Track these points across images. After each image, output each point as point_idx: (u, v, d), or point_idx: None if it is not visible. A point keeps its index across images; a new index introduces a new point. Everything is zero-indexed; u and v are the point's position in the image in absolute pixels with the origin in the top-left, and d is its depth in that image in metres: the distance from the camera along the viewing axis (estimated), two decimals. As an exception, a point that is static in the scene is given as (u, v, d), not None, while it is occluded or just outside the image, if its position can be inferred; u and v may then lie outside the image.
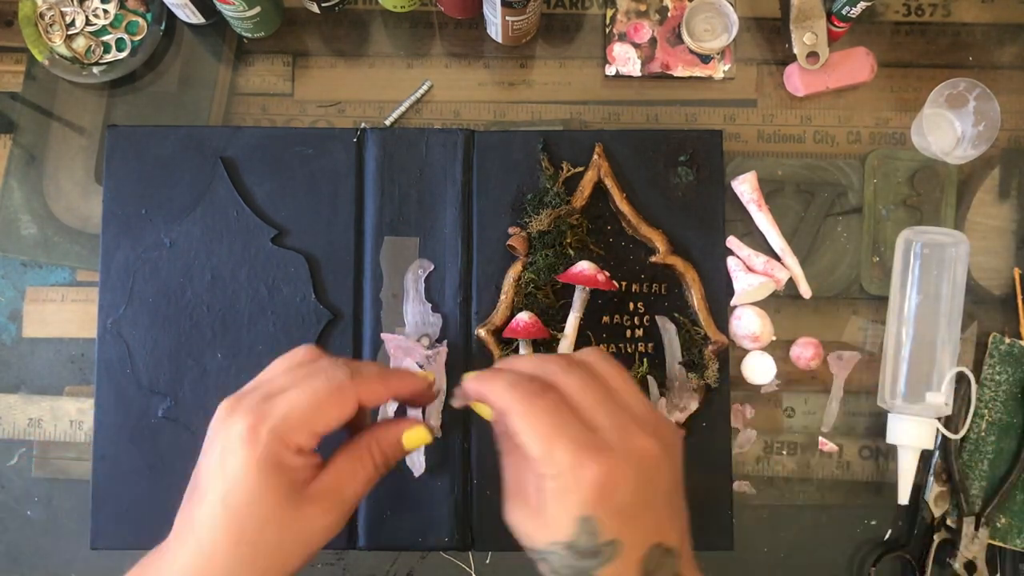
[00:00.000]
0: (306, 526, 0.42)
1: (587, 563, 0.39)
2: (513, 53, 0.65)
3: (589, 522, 0.39)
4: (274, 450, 0.41)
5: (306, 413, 0.42)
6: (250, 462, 0.41)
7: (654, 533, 0.41)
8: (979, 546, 0.59)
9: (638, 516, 0.40)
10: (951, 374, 0.58)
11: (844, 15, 0.61)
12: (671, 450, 0.43)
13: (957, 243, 0.60)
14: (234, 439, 0.41)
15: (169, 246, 0.59)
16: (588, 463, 0.39)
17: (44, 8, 0.62)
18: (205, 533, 0.41)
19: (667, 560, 0.41)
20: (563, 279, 0.57)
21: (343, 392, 0.43)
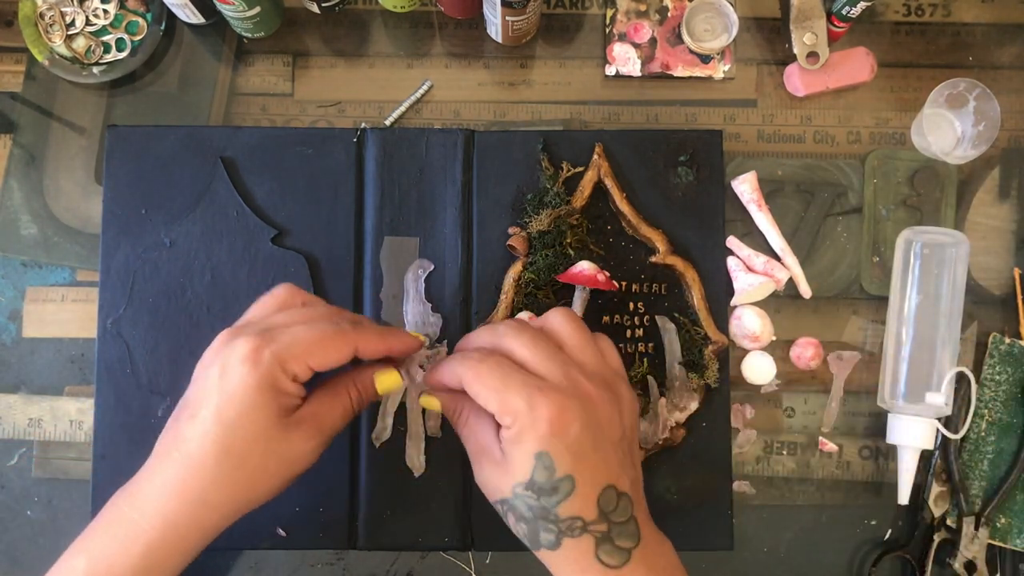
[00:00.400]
0: (290, 448, 0.45)
1: (547, 501, 0.43)
2: (513, 53, 0.65)
3: (544, 457, 0.43)
4: (273, 372, 0.44)
5: (309, 347, 0.45)
6: (249, 379, 0.43)
7: (605, 475, 0.44)
8: (979, 546, 0.59)
9: (588, 455, 0.43)
10: (951, 374, 0.58)
11: (844, 15, 0.61)
12: (622, 402, 0.46)
13: (957, 243, 0.60)
14: (236, 358, 0.44)
15: (169, 246, 0.59)
16: (540, 403, 0.43)
17: (44, 8, 0.62)
18: (194, 446, 0.44)
19: (622, 503, 0.44)
20: (563, 279, 0.57)
21: (345, 337, 0.46)
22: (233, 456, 0.44)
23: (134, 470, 0.56)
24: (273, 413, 0.44)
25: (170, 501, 0.44)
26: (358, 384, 0.49)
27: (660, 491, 0.58)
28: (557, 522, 0.43)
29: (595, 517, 0.43)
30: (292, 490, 0.52)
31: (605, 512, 0.44)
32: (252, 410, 0.44)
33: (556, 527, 0.43)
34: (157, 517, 0.44)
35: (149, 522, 0.43)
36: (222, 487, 0.44)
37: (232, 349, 0.44)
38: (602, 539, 0.43)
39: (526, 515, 0.44)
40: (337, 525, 0.57)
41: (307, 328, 0.46)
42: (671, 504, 0.58)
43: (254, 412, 0.44)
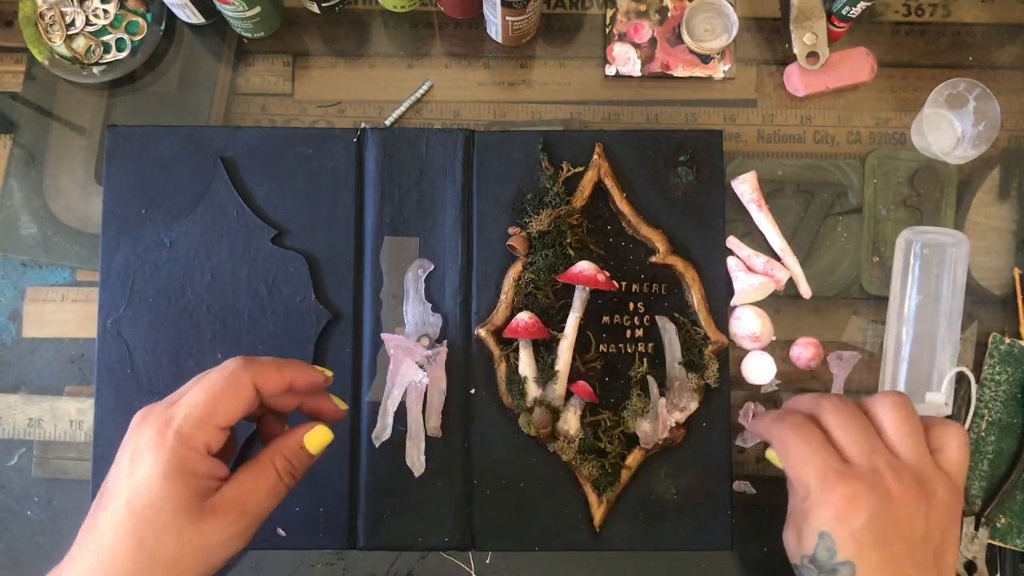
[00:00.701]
0: (206, 538, 0.42)
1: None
2: (513, 53, 0.65)
3: (826, 537, 0.43)
4: (180, 454, 0.42)
5: (206, 408, 0.43)
6: (156, 468, 0.42)
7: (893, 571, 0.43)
8: (979, 546, 0.59)
9: (874, 547, 0.43)
10: (951, 374, 0.58)
11: (844, 15, 0.61)
12: (931, 502, 0.44)
13: (957, 243, 0.60)
14: (143, 446, 0.42)
15: (169, 246, 0.59)
16: (832, 486, 0.43)
17: (44, 8, 0.62)
18: (107, 538, 0.42)
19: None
20: (563, 279, 0.57)
21: (237, 379, 0.44)
22: (144, 550, 0.41)
23: (134, 470, 0.57)
24: (184, 502, 0.42)
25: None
26: (283, 451, 0.46)
27: (660, 491, 0.58)
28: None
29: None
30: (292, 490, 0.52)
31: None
32: (160, 500, 0.41)
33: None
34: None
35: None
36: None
37: (140, 436, 0.43)
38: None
39: None
40: (337, 525, 0.57)
41: (198, 390, 0.44)
42: (671, 504, 0.58)
43: (162, 502, 0.41)
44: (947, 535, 0.45)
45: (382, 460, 0.57)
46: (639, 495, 0.58)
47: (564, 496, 0.58)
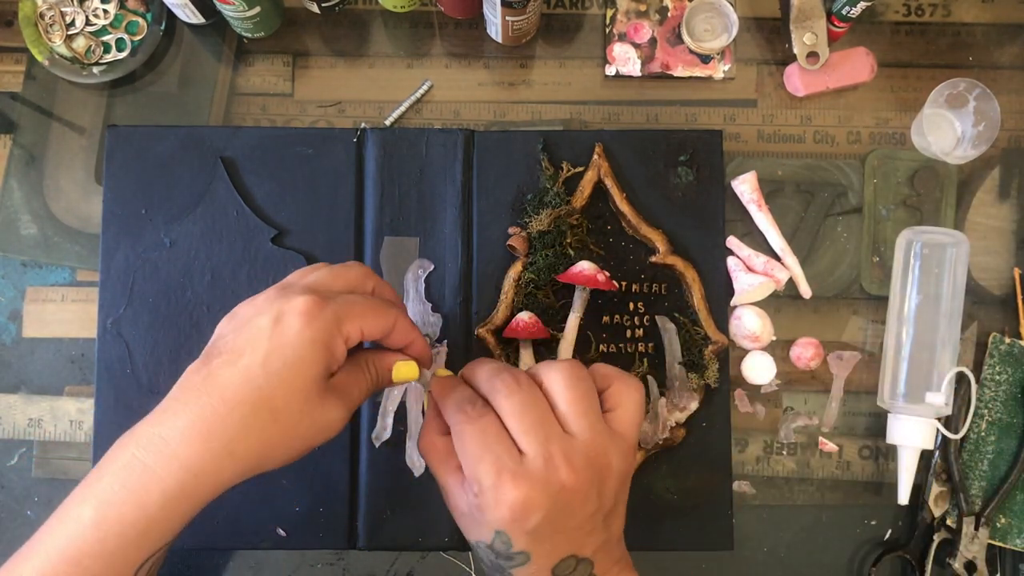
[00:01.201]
0: (323, 414, 0.44)
1: (504, 563, 0.44)
2: (513, 53, 0.65)
3: (502, 535, 0.43)
4: (330, 330, 0.43)
5: (364, 315, 0.45)
6: (306, 332, 0.42)
7: (566, 549, 0.44)
8: (979, 546, 0.59)
9: (549, 538, 0.43)
10: (951, 374, 0.58)
11: (844, 15, 0.61)
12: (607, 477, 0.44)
13: (957, 243, 0.60)
14: (293, 310, 0.43)
15: (169, 246, 0.59)
16: (506, 487, 0.42)
17: (44, 8, 0.62)
18: (230, 392, 0.41)
19: (581, 567, 0.44)
20: (563, 279, 0.57)
21: (389, 317, 0.46)
22: (271, 408, 0.42)
23: (134, 470, 0.57)
24: (318, 373, 0.43)
25: (192, 446, 0.41)
26: (377, 364, 0.48)
27: (660, 491, 0.58)
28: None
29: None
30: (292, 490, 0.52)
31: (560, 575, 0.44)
32: (301, 364, 0.42)
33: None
34: (175, 463, 0.40)
35: (166, 468, 0.40)
36: (251, 439, 0.41)
37: (289, 301, 0.43)
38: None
39: (486, 562, 0.45)
40: (337, 525, 0.57)
41: (363, 300, 0.46)
42: (671, 504, 0.58)
43: (302, 366, 0.42)
44: (619, 498, 0.46)
45: (382, 460, 0.57)
46: (639, 495, 0.57)
47: (564, 496, 0.57)
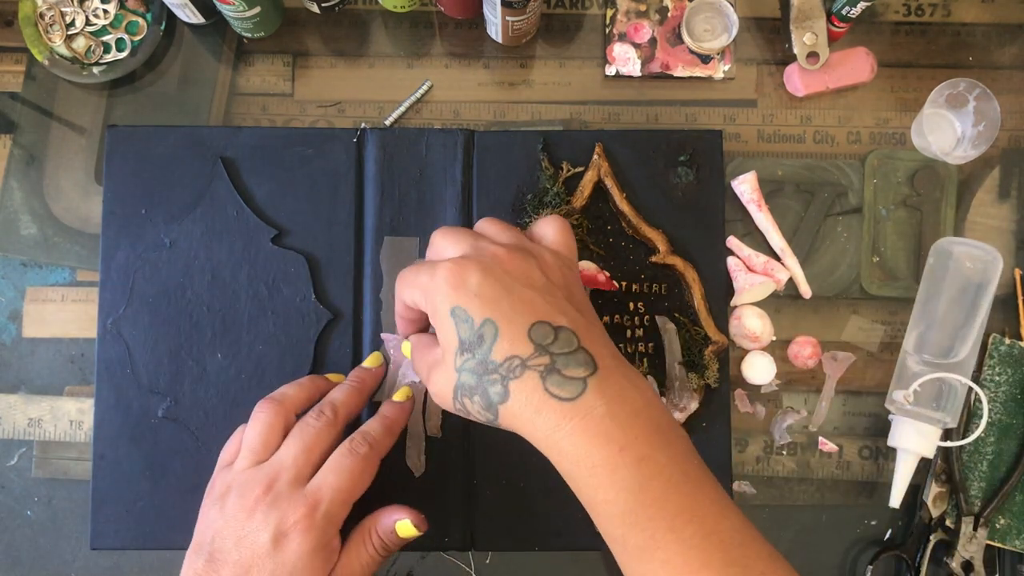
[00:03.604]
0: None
1: (481, 353, 0.42)
2: (513, 53, 0.65)
3: (458, 311, 0.43)
4: (327, 532, 0.46)
5: (350, 494, 0.47)
6: (305, 547, 0.45)
7: (530, 313, 0.43)
8: (977, 546, 0.59)
9: (501, 298, 0.43)
10: (963, 390, 0.58)
11: (844, 15, 0.61)
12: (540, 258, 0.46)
13: (992, 259, 0.59)
14: (289, 527, 0.45)
15: (169, 246, 0.59)
16: (439, 269, 0.44)
17: (44, 8, 0.62)
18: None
19: (563, 335, 0.42)
20: (563, 279, 0.57)
21: (370, 462, 0.49)
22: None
23: (134, 470, 0.57)
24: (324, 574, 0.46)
25: None
26: (380, 533, 0.50)
27: (660, 491, 0.58)
28: (497, 369, 0.42)
29: (531, 351, 0.42)
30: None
31: (542, 345, 0.42)
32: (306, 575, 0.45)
33: (498, 375, 0.42)
34: None
35: None
36: None
37: (281, 511, 0.45)
38: (547, 371, 0.41)
39: (473, 383, 0.43)
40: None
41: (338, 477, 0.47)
42: (671, 504, 0.58)
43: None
44: (571, 286, 0.46)
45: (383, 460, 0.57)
46: (639, 495, 0.57)
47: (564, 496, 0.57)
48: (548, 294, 0.44)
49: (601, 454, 0.41)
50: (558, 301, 0.44)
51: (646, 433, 0.41)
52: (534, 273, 0.45)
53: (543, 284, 0.44)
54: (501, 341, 0.42)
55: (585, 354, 0.42)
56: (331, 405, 0.50)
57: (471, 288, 0.43)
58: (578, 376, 0.42)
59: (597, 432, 0.41)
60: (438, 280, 0.44)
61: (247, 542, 0.45)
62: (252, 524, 0.45)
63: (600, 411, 0.41)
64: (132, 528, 0.57)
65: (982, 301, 0.59)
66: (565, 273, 0.46)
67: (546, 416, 0.41)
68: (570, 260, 0.48)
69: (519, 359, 0.42)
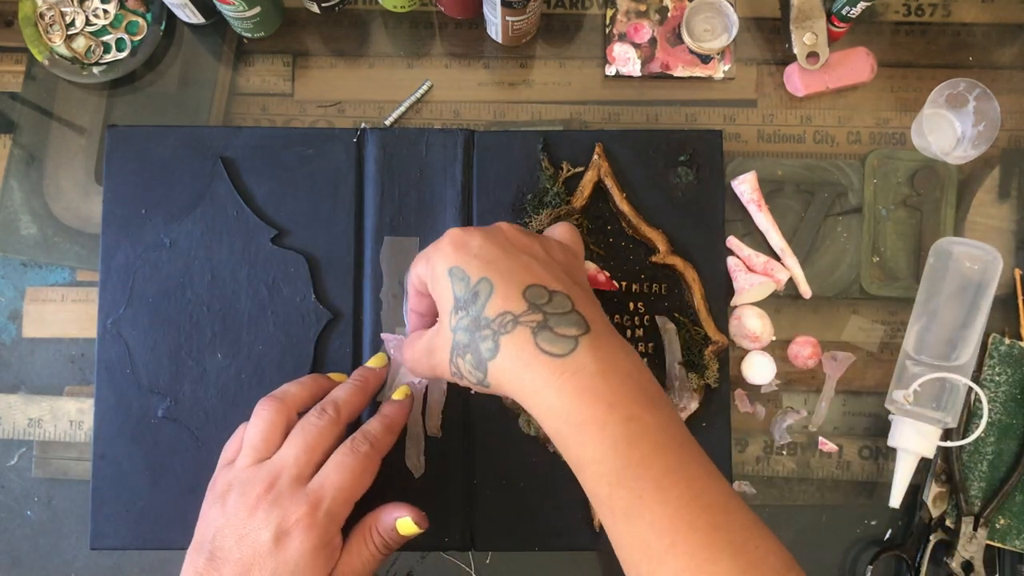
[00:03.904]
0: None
1: (474, 309, 0.43)
2: (513, 53, 0.65)
3: (456, 270, 0.44)
4: (328, 530, 0.46)
5: (352, 492, 0.47)
6: (307, 545, 0.45)
7: (526, 276, 0.43)
8: (977, 546, 0.59)
9: (498, 260, 0.44)
10: (963, 391, 0.58)
11: (844, 15, 0.61)
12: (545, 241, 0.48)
13: (992, 260, 0.59)
14: (291, 525, 0.45)
15: (169, 246, 0.59)
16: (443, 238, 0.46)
17: (44, 8, 0.62)
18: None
19: (557, 298, 0.43)
20: (563, 279, 0.57)
21: (371, 461, 0.49)
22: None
23: (134, 470, 0.57)
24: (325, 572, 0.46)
25: None
26: (380, 531, 0.50)
27: (660, 491, 0.58)
28: (489, 325, 0.42)
29: (524, 309, 0.42)
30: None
31: (536, 304, 0.42)
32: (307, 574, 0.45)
33: (490, 330, 0.42)
34: None
35: None
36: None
37: (283, 509, 0.45)
38: (539, 328, 0.42)
39: (466, 341, 0.43)
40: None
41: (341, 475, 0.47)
42: (671, 504, 0.58)
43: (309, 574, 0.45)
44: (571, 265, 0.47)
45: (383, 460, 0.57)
46: (639, 495, 0.57)
47: (564, 496, 0.58)
48: (547, 265, 0.45)
49: (590, 411, 0.41)
50: (555, 271, 0.45)
51: (635, 394, 0.41)
52: (535, 247, 0.46)
53: (544, 257, 0.46)
54: (495, 298, 0.43)
55: (578, 315, 0.43)
56: (333, 404, 0.50)
57: (471, 249, 0.44)
58: (570, 335, 0.42)
59: (587, 389, 0.41)
60: (442, 243, 0.46)
61: (248, 540, 0.45)
62: (253, 522, 0.45)
63: (591, 369, 0.41)
64: (132, 528, 0.57)
65: (982, 301, 0.59)
66: (567, 256, 0.48)
67: (536, 371, 0.41)
68: (574, 251, 0.49)
69: (511, 315, 0.42)
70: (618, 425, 0.40)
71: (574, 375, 0.41)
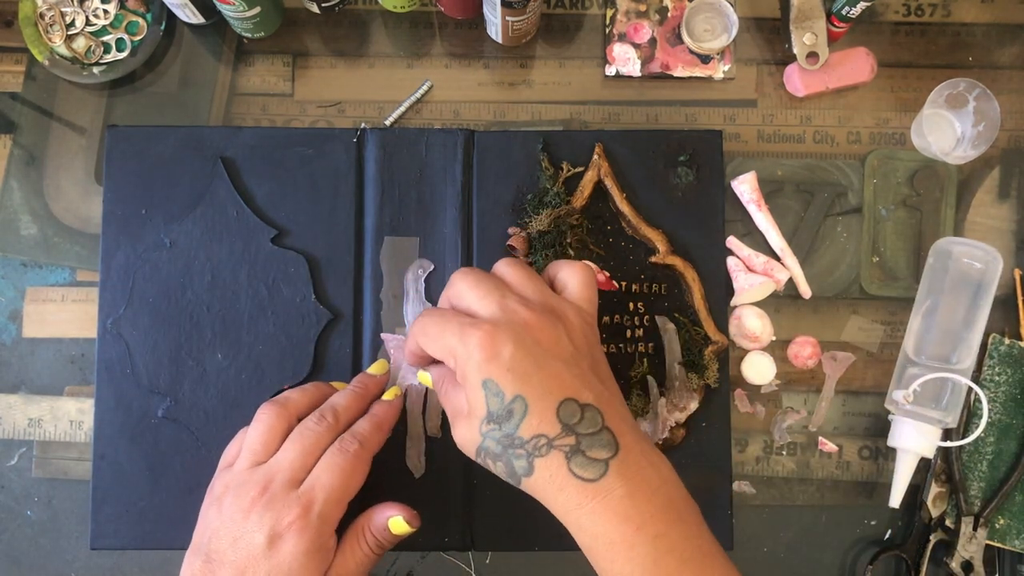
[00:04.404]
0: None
1: (508, 427, 0.44)
2: (513, 53, 0.65)
3: (489, 384, 0.44)
4: (321, 532, 0.46)
5: (343, 492, 0.47)
6: (300, 547, 0.45)
7: (559, 389, 0.44)
8: (977, 546, 0.59)
9: (532, 373, 0.44)
10: (963, 390, 0.58)
11: (844, 15, 0.61)
12: (567, 324, 0.47)
13: (992, 259, 0.59)
14: (284, 528, 0.45)
15: (169, 246, 0.59)
16: (470, 335, 0.44)
17: (44, 8, 0.62)
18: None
19: (588, 414, 0.44)
20: (563, 279, 0.57)
21: (360, 460, 0.49)
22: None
23: (134, 470, 0.57)
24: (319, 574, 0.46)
25: None
26: (373, 531, 0.50)
27: (660, 491, 0.58)
28: (523, 445, 0.43)
29: (558, 431, 0.43)
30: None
31: (569, 425, 0.43)
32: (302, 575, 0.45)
33: (524, 451, 0.43)
34: None
35: None
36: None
37: (276, 512, 0.46)
38: (572, 452, 0.43)
39: (497, 451, 0.44)
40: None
41: (331, 475, 0.47)
42: (671, 504, 0.58)
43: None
44: (594, 351, 0.48)
45: (382, 460, 0.57)
46: (639, 495, 0.57)
47: (564, 496, 0.57)
48: (575, 365, 0.45)
49: (619, 532, 0.42)
50: (584, 373, 0.45)
51: (662, 511, 0.43)
52: (562, 341, 0.46)
53: (570, 354, 0.46)
54: (530, 418, 0.43)
55: (609, 434, 0.44)
56: (332, 410, 0.50)
57: (503, 362, 0.44)
58: (601, 458, 0.43)
59: (616, 512, 0.43)
60: (470, 348, 0.44)
61: (243, 543, 0.45)
62: (248, 525, 0.46)
63: (619, 492, 0.43)
64: (132, 528, 0.57)
65: (982, 301, 0.59)
66: (588, 337, 0.48)
67: (568, 494, 0.43)
68: (592, 317, 0.49)
69: (546, 438, 0.43)
70: (646, 544, 0.42)
71: (604, 499, 0.43)
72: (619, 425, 0.44)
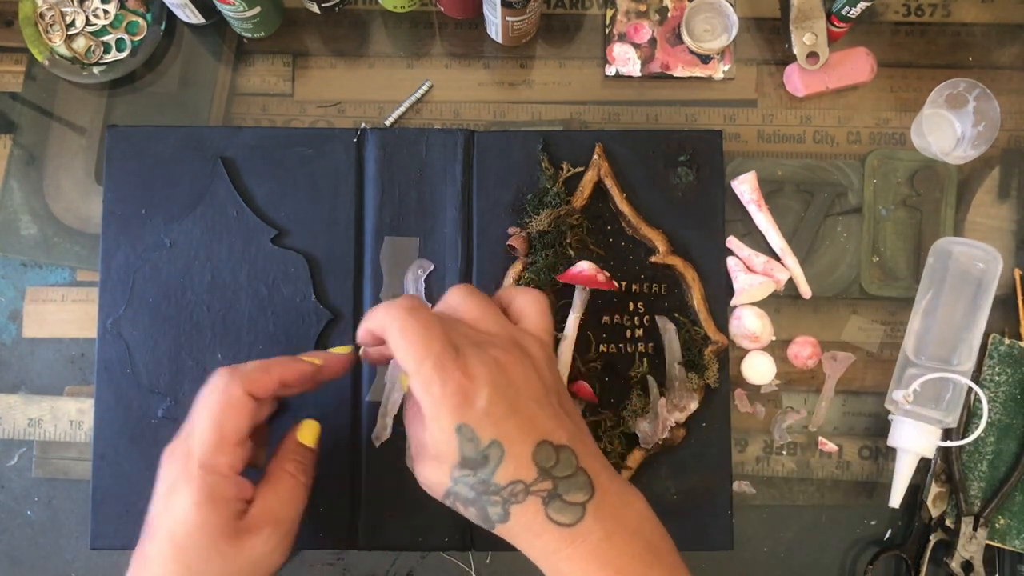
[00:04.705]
0: (248, 555, 0.45)
1: (483, 473, 0.43)
2: (513, 53, 0.65)
3: (464, 429, 0.42)
4: (209, 482, 0.44)
5: (214, 433, 0.45)
6: (188, 499, 0.44)
7: (534, 432, 0.43)
8: (977, 546, 0.59)
9: (507, 417, 0.43)
10: (963, 390, 0.58)
11: (844, 15, 0.61)
12: (535, 359, 0.46)
13: (992, 259, 0.59)
14: (174, 480, 0.45)
15: (169, 246, 0.59)
16: (448, 376, 0.42)
17: (44, 8, 0.62)
18: (157, 568, 0.44)
19: (563, 455, 0.43)
20: (563, 279, 0.57)
21: (230, 395, 0.45)
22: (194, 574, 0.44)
23: (134, 470, 0.57)
24: (220, 526, 0.44)
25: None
26: (288, 455, 0.48)
27: (660, 491, 0.58)
28: (499, 492, 0.43)
29: (535, 476, 0.43)
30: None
31: (545, 468, 0.43)
32: (199, 528, 0.44)
33: (500, 497, 0.43)
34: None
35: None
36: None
37: (170, 469, 0.45)
38: (549, 498, 0.43)
39: (470, 497, 0.43)
40: (337, 525, 0.57)
41: (200, 416, 0.45)
42: (671, 504, 0.58)
43: (201, 530, 0.44)
44: (558, 384, 0.47)
45: (382, 460, 0.57)
46: (639, 495, 0.57)
47: (564, 496, 0.57)
48: (547, 404, 0.45)
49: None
50: (556, 410, 0.45)
51: (641, 553, 0.43)
52: (532, 379, 0.45)
53: (541, 392, 0.45)
54: (506, 464, 0.42)
55: (584, 475, 0.44)
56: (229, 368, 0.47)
57: (480, 405, 0.42)
58: (578, 501, 0.43)
59: (595, 556, 0.43)
60: (447, 391, 0.42)
61: (154, 504, 0.46)
62: (158, 486, 0.46)
63: (598, 535, 0.43)
64: (132, 528, 0.56)
65: (982, 301, 0.59)
66: (552, 370, 0.47)
67: (545, 540, 0.43)
68: (551, 347, 0.49)
69: (523, 484, 0.43)
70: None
71: (583, 543, 0.43)
72: (592, 464, 0.44)
